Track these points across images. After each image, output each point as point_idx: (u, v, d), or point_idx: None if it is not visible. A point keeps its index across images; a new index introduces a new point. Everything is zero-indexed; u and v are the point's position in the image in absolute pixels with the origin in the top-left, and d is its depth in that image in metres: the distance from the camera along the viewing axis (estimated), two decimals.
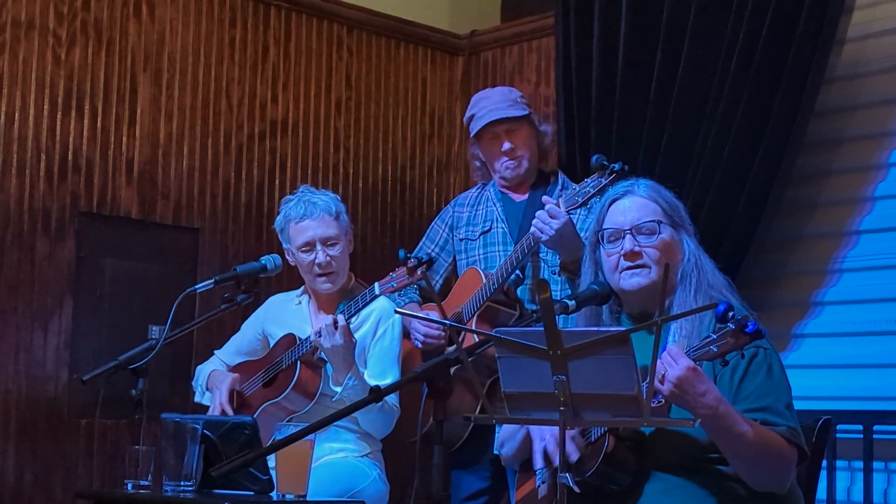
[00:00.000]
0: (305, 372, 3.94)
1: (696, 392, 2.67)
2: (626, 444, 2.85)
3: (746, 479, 2.81)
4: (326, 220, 4.03)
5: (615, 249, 2.99)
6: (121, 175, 4.73)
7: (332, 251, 4.03)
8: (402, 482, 4.32)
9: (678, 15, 4.60)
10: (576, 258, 3.93)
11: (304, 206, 4.04)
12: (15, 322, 4.47)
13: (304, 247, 4.04)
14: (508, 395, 2.55)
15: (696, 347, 2.70)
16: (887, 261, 4.39)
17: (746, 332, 2.62)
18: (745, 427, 2.73)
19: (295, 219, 4.05)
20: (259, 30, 5.13)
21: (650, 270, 2.95)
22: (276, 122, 5.16)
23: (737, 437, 2.73)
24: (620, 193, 3.06)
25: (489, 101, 4.38)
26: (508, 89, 4.50)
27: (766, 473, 2.79)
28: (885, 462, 4.29)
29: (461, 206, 4.54)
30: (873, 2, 4.50)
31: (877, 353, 4.37)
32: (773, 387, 2.85)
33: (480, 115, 4.36)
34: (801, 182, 4.55)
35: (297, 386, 3.92)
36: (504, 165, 4.35)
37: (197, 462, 3.27)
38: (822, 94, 4.38)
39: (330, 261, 4.02)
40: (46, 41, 4.58)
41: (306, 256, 4.04)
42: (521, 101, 4.40)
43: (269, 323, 4.23)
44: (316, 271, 4.04)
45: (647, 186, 3.06)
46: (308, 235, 4.03)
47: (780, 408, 2.82)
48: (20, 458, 4.45)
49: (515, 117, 4.33)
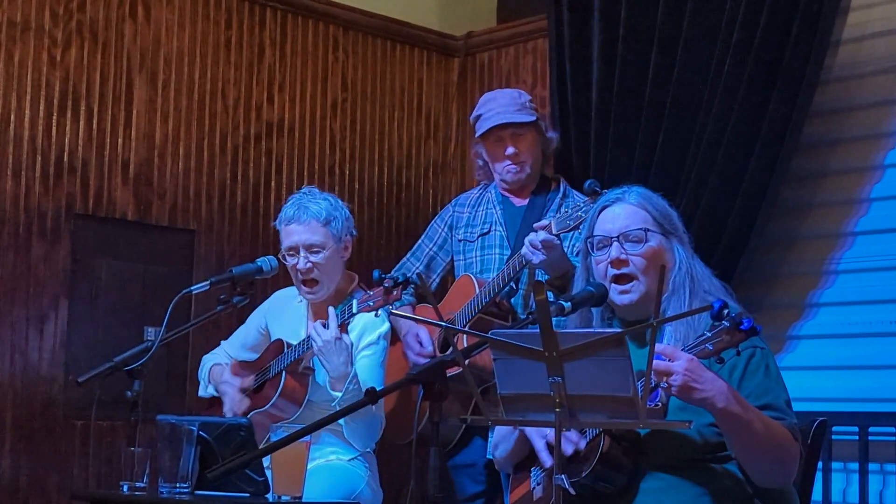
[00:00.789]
0: (290, 382, 3.88)
1: (706, 377, 2.66)
2: (621, 444, 2.85)
3: (751, 472, 2.80)
4: (313, 226, 3.97)
5: (603, 257, 2.99)
6: (116, 176, 4.73)
7: (315, 258, 3.96)
8: (397, 484, 4.32)
9: (673, 16, 4.60)
10: (562, 274, 3.95)
11: (294, 210, 4.00)
12: (10, 323, 4.46)
13: (290, 251, 4.00)
14: (504, 397, 2.55)
15: (691, 346, 2.71)
16: (883, 262, 4.39)
17: (742, 329, 2.62)
18: (756, 414, 2.73)
19: (285, 221, 4.01)
20: (255, 31, 5.13)
21: (639, 282, 2.95)
22: (271, 124, 5.15)
23: (748, 424, 2.72)
24: (612, 201, 3.05)
25: (497, 102, 4.35)
26: (518, 93, 4.45)
27: (774, 465, 2.78)
28: (881, 464, 4.29)
29: (461, 206, 4.53)
30: (869, 3, 4.50)
31: (873, 355, 4.37)
32: (773, 385, 2.86)
33: (487, 117, 4.33)
34: (796, 183, 4.56)
35: (282, 395, 3.88)
36: (506, 169, 4.34)
37: (193, 464, 3.27)
38: (817, 96, 4.39)
39: (311, 267, 3.95)
40: (42, 42, 4.58)
41: (291, 260, 4.01)
42: (529, 106, 4.37)
43: (270, 317, 4.21)
44: (298, 277, 4.01)
45: (638, 194, 3.05)
46: (293, 240, 3.98)
47: (782, 405, 2.84)
48: (16, 459, 4.44)
49: (522, 122, 4.33)
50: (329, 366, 3.76)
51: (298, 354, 3.88)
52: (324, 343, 3.74)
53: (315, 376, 3.91)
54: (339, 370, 3.76)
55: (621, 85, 4.75)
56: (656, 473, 2.87)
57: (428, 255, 4.52)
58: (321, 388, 3.91)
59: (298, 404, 3.89)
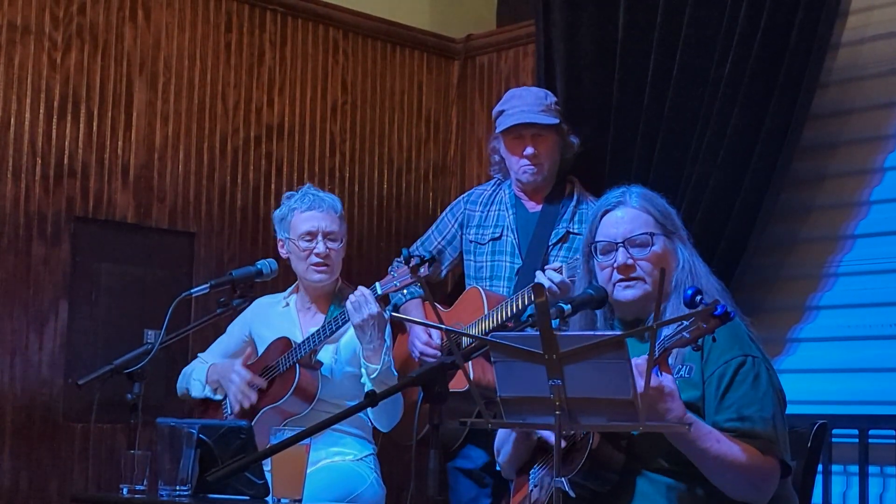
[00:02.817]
0: (305, 375, 3.95)
1: (659, 409, 2.69)
2: (612, 441, 2.85)
3: (723, 491, 2.81)
4: (332, 215, 4.09)
5: (608, 262, 2.98)
6: (116, 179, 4.73)
7: (333, 245, 4.06)
8: (397, 486, 4.32)
9: (672, 19, 4.60)
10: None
11: (311, 199, 4.11)
12: (10, 326, 4.46)
13: (306, 235, 4.06)
14: (504, 400, 2.55)
15: (669, 336, 2.71)
16: (882, 265, 4.39)
17: (716, 315, 2.62)
18: (709, 443, 2.74)
19: (300, 208, 4.10)
20: (255, 34, 5.13)
21: (644, 282, 2.95)
22: (271, 127, 5.16)
23: (702, 453, 2.75)
24: (612, 204, 3.04)
25: (523, 100, 4.33)
26: (545, 93, 4.44)
27: (738, 487, 2.80)
28: (881, 466, 4.29)
29: (473, 203, 4.50)
30: (868, 6, 4.50)
31: (872, 358, 4.37)
32: (758, 397, 2.84)
33: (511, 113, 4.30)
34: (796, 186, 4.56)
35: (297, 389, 3.93)
36: (523, 169, 4.32)
37: (192, 466, 3.27)
38: (817, 98, 4.38)
39: (329, 253, 4.05)
40: (42, 45, 4.58)
41: (306, 244, 4.05)
42: (553, 108, 4.35)
43: (256, 325, 4.23)
44: (313, 260, 4.05)
45: (638, 196, 3.04)
46: (313, 225, 4.06)
47: (762, 418, 2.82)
48: (15, 462, 4.44)
49: (545, 124, 4.31)
50: (365, 338, 3.84)
51: (312, 346, 3.92)
52: (368, 316, 3.80)
53: (322, 369, 3.95)
54: (375, 342, 3.84)
55: (621, 87, 4.75)
56: (651, 475, 2.87)
57: (437, 249, 4.50)
58: (329, 382, 3.96)
59: (311, 399, 3.95)
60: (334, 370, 4.06)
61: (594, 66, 4.84)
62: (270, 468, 3.23)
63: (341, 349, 4.08)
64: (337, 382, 4.05)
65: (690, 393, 2.85)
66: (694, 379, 2.87)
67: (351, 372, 4.04)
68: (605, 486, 2.86)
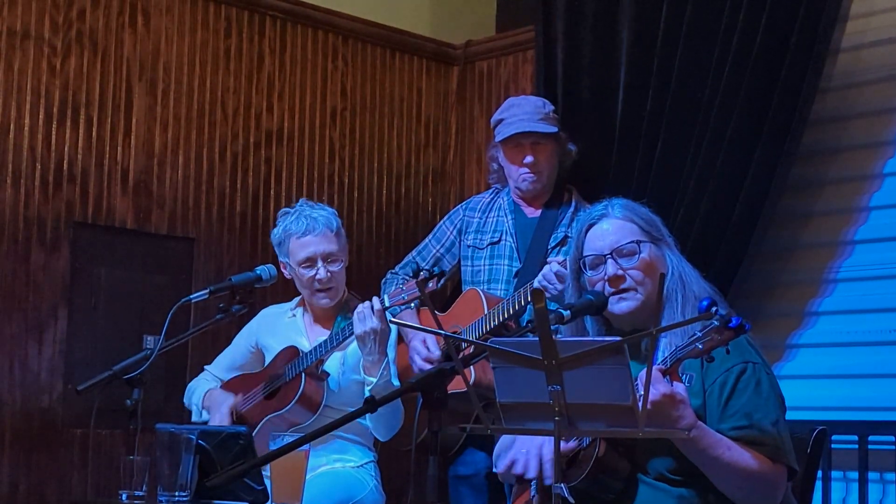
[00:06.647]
0: (310, 384, 3.94)
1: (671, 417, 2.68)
2: (618, 448, 2.84)
3: (732, 499, 2.81)
4: (328, 235, 4.03)
5: (598, 275, 2.98)
6: (116, 185, 4.73)
7: (333, 267, 4.03)
8: (397, 492, 4.31)
9: (672, 24, 4.60)
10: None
11: (305, 221, 4.03)
12: (9, 332, 4.46)
13: (306, 262, 4.02)
14: (504, 406, 2.54)
15: (681, 346, 2.70)
16: (882, 271, 4.39)
17: (730, 328, 2.62)
18: (721, 450, 2.74)
19: (296, 234, 4.04)
20: (254, 40, 5.13)
21: (637, 293, 2.95)
22: (271, 132, 5.16)
23: (713, 461, 2.75)
24: (596, 218, 3.03)
25: (521, 109, 4.33)
26: (543, 101, 4.44)
27: (748, 494, 2.80)
28: (881, 473, 4.29)
29: (472, 210, 4.50)
30: (867, 12, 4.50)
31: (872, 364, 4.37)
32: (761, 403, 2.83)
33: (510, 122, 4.31)
34: (796, 192, 4.56)
35: (301, 398, 3.91)
36: (522, 177, 4.32)
37: (192, 472, 3.26)
38: (816, 104, 4.38)
39: (331, 277, 4.02)
40: (41, 51, 4.58)
41: (307, 272, 4.03)
42: (552, 117, 4.36)
43: (263, 335, 4.22)
44: (316, 286, 4.03)
45: (621, 206, 3.03)
46: (310, 251, 4.01)
47: (767, 425, 2.82)
48: (14, 468, 4.44)
49: (544, 133, 4.31)
50: (366, 349, 3.84)
51: (319, 356, 3.91)
52: (370, 329, 3.79)
53: (329, 381, 3.95)
54: (375, 355, 3.83)
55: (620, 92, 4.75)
56: (653, 481, 2.87)
57: (435, 256, 4.50)
58: (335, 394, 3.95)
59: (315, 409, 3.94)
60: (341, 377, 4.05)
61: (594, 71, 4.85)
62: (269, 474, 3.23)
63: (348, 356, 4.07)
64: (343, 389, 4.04)
65: (692, 402, 2.84)
66: (694, 388, 2.87)
67: (357, 379, 4.02)
68: (610, 493, 2.85)
